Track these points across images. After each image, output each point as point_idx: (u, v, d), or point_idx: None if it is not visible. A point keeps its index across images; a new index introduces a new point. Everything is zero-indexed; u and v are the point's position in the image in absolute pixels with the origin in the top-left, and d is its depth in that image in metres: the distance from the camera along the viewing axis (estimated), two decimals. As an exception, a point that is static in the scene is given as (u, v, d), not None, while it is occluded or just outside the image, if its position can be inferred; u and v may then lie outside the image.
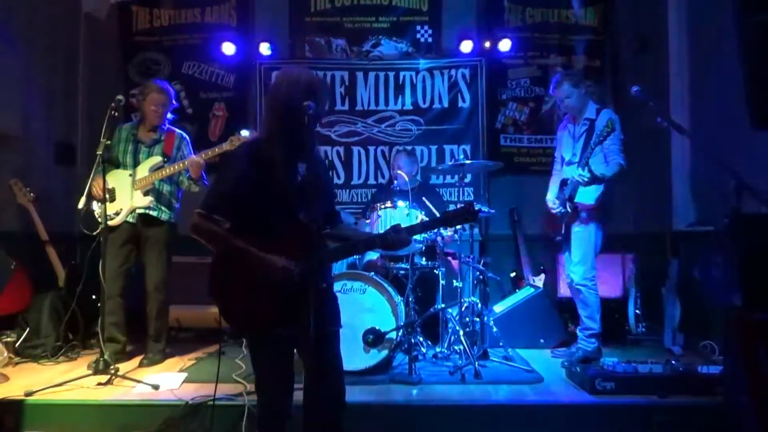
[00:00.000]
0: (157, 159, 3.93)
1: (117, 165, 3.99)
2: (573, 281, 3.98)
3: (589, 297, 3.92)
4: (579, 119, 4.05)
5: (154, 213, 3.92)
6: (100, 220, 3.78)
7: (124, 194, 3.88)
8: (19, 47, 4.85)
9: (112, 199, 3.85)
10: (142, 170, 3.93)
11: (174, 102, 4.10)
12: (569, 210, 3.93)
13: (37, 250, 4.50)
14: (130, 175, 3.92)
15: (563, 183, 4.00)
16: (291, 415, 2.18)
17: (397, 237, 2.15)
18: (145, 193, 3.90)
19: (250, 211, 2.12)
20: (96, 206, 3.81)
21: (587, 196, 3.88)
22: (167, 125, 4.09)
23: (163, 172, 3.88)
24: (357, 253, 2.47)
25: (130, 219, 3.91)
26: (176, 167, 3.86)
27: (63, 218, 5.08)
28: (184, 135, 4.12)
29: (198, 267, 4.50)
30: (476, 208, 2.17)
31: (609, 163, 3.85)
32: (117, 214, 3.88)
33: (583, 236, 3.92)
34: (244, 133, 3.71)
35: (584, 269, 3.90)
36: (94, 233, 3.74)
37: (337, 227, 2.40)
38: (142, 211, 3.90)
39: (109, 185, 3.85)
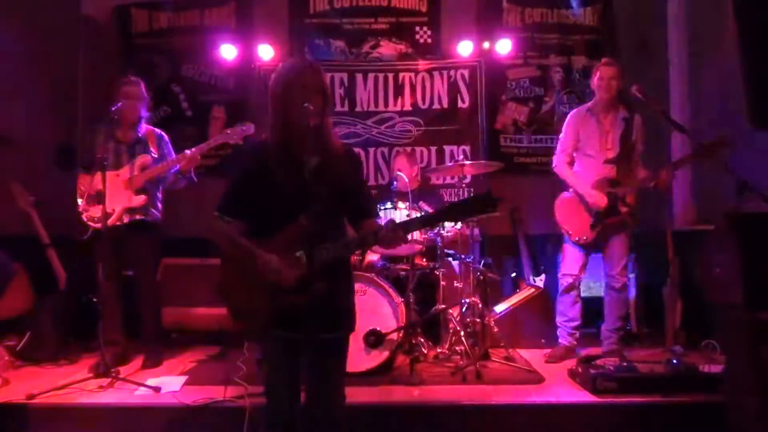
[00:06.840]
0: (147, 158, 3.87)
1: (90, 168, 3.90)
2: None
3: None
4: (609, 111, 3.93)
5: (142, 214, 3.87)
6: (90, 224, 3.77)
7: (115, 195, 3.78)
8: (19, 50, 4.85)
9: (101, 202, 3.80)
10: (133, 170, 3.84)
11: (145, 95, 4.00)
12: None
13: (39, 253, 4.50)
14: (117, 175, 3.83)
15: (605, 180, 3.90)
16: (298, 418, 2.12)
17: (392, 235, 2.01)
18: (137, 193, 3.84)
19: (256, 209, 2.11)
20: (83, 210, 3.78)
21: None
22: (144, 124, 4.01)
23: (154, 171, 3.83)
24: (349, 253, 2.31)
25: (117, 222, 3.82)
26: (169, 164, 3.81)
27: (64, 221, 5.07)
28: (163, 134, 4.06)
29: (199, 269, 4.50)
30: (495, 197, 1.94)
31: None
32: (108, 216, 3.77)
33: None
34: (243, 125, 3.66)
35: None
36: (85, 237, 3.71)
37: (362, 224, 2.24)
38: (130, 213, 3.83)
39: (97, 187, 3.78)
